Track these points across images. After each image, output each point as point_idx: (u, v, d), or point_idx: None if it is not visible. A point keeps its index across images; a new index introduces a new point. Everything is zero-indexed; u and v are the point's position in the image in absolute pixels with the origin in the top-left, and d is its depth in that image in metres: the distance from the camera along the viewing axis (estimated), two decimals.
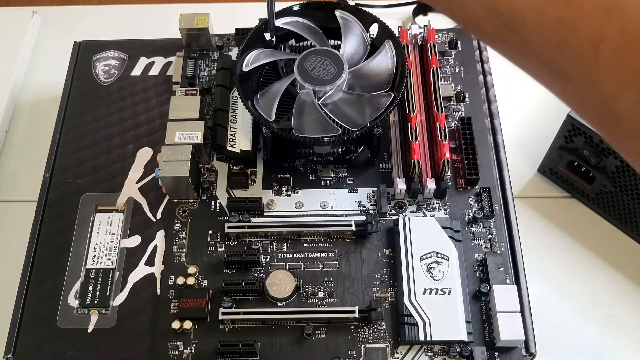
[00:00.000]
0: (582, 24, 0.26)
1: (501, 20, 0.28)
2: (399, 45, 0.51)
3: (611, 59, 0.25)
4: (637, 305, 0.51)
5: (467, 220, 0.51)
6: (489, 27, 0.29)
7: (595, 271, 0.53)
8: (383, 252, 0.49)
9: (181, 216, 0.51)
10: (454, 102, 0.56)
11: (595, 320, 0.50)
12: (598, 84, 0.26)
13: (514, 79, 0.62)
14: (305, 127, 0.48)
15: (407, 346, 0.46)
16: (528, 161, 0.58)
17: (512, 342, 0.45)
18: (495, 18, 0.29)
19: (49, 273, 0.49)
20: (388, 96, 0.49)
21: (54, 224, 0.51)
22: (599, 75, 0.25)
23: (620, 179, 0.51)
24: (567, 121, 0.51)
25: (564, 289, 0.52)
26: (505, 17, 0.28)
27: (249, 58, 0.50)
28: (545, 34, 0.27)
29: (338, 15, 0.52)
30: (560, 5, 0.26)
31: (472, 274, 0.48)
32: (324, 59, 0.50)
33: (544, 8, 0.27)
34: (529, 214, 0.55)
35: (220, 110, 0.53)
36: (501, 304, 0.45)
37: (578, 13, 0.26)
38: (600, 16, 0.25)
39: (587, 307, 0.51)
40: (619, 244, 0.54)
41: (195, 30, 0.58)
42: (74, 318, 0.47)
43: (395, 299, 0.47)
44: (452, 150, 0.53)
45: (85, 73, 0.59)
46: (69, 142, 0.55)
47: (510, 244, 0.50)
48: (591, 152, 0.52)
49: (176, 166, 0.49)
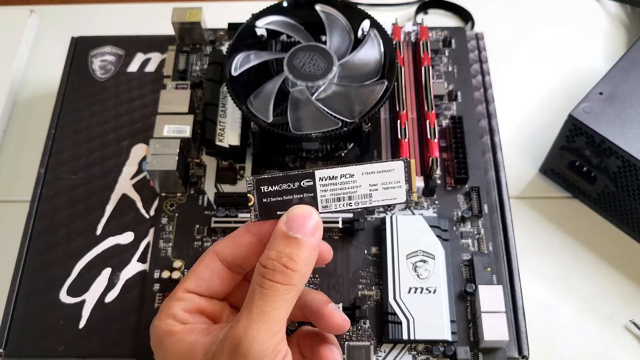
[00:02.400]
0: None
1: None
2: (385, 33, 0.51)
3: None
4: (639, 306, 0.50)
5: (455, 219, 0.50)
6: None
7: (597, 272, 0.52)
8: (370, 249, 0.49)
9: (168, 210, 0.52)
10: (446, 100, 0.56)
11: (597, 321, 0.50)
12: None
13: (515, 79, 0.62)
14: (303, 124, 0.48)
15: (390, 345, 0.45)
16: (529, 161, 0.57)
17: (496, 342, 0.44)
18: None
19: (41, 268, 0.50)
20: (382, 84, 0.48)
21: (48, 220, 0.52)
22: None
23: (622, 179, 0.50)
24: (568, 121, 0.50)
25: (565, 289, 0.51)
26: None
27: (237, 62, 0.50)
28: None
29: (319, 10, 0.52)
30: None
31: (459, 273, 0.48)
32: (312, 54, 0.50)
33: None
34: (530, 214, 0.55)
35: (210, 104, 0.53)
36: (486, 304, 0.45)
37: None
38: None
39: (589, 308, 0.50)
40: (621, 245, 0.53)
41: (188, 24, 0.58)
42: (65, 313, 0.48)
43: (380, 297, 0.47)
44: (442, 149, 0.53)
45: (81, 69, 0.60)
46: (64, 137, 0.56)
47: (506, 244, 0.50)
48: (592, 152, 0.51)
49: (164, 160, 0.49)
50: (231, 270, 0.38)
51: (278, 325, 0.33)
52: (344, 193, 0.36)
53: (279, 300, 0.33)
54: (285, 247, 0.34)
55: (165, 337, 0.36)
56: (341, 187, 0.36)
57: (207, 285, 0.37)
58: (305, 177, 0.36)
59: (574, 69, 0.63)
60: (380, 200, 0.36)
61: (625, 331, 0.49)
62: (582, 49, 0.64)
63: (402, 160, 0.36)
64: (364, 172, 0.36)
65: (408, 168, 0.36)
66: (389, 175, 0.36)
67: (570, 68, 0.63)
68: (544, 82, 0.62)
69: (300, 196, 0.36)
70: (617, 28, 0.66)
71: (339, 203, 0.36)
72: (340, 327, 0.39)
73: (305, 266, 0.34)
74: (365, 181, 0.36)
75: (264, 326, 0.32)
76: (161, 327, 0.36)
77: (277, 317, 0.33)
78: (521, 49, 0.64)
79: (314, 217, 0.35)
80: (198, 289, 0.37)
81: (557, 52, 0.64)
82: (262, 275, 0.34)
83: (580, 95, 0.51)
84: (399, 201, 0.36)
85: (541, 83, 0.62)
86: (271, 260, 0.34)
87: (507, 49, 0.64)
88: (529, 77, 0.63)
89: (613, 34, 0.65)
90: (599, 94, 0.51)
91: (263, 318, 0.33)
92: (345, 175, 0.36)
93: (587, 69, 0.62)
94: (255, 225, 0.37)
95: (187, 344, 0.35)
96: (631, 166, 0.48)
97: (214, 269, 0.37)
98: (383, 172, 0.36)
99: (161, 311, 0.37)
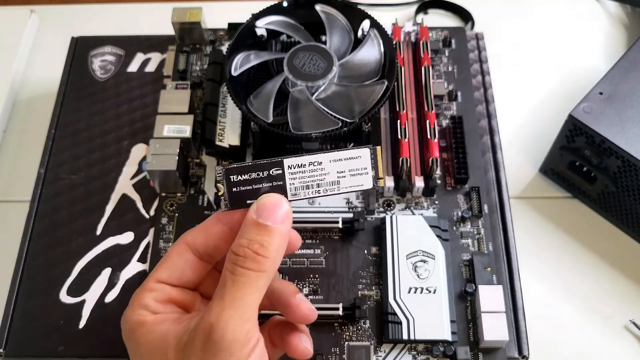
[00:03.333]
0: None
1: None
2: (385, 33, 0.51)
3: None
4: (639, 306, 0.50)
5: (455, 219, 0.50)
6: None
7: (597, 272, 0.52)
8: (370, 249, 0.49)
9: (168, 210, 0.52)
10: (446, 100, 0.56)
11: (597, 321, 0.50)
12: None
13: (515, 79, 0.62)
14: (303, 124, 0.48)
15: (390, 345, 0.45)
16: (529, 161, 0.57)
17: (496, 342, 0.44)
18: None
19: (41, 268, 0.50)
20: (382, 84, 0.48)
21: (48, 220, 0.52)
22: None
23: (622, 179, 0.50)
24: (568, 121, 0.50)
25: (565, 289, 0.51)
26: None
27: (237, 62, 0.50)
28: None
29: (319, 10, 0.52)
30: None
31: (459, 273, 0.48)
32: (312, 54, 0.49)
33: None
34: (530, 214, 0.55)
35: (210, 104, 0.53)
36: (486, 304, 0.45)
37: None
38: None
39: (589, 308, 0.50)
40: (621, 245, 0.53)
41: (188, 24, 0.58)
42: (65, 313, 0.48)
43: (380, 297, 0.47)
44: (442, 149, 0.53)
45: (81, 69, 0.60)
46: (64, 137, 0.56)
47: (506, 244, 0.50)
48: (592, 152, 0.51)
49: (164, 160, 0.49)
50: (202, 259, 0.38)
51: (250, 311, 0.33)
52: (312, 181, 0.36)
53: (250, 286, 0.33)
54: (256, 234, 0.34)
55: (136, 328, 0.36)
56: (310, 174, 0.36)
57: (179, 275, 0.37)
58: (274, 165, 0.36)
59: (574, 69, 0.63)
60: (348, 187, 0.37)
61: (625, 331, 0.49)
62: (582, 49, 0.64)
63: (368, 148, 0.37)
64: (332, 159, 0.36)
65: (374, 155, 0.37)
66: (355, 162, 0.37)
67: (570, 68, 0.63)
68: (544, 82, 0.62)
69: (269, 184, 0.36)
70: (617, 28, 0.66)
71: (308, 190, 0.36)
72: (306, 317, 0.39)
73: (276, 252, 0.35)
74: (333, 168, 0.36)
75: (236, 312, 0.33)
76: (132, 318, 0.36)
77: (249, 303, 0.33)
78: (521, 49, 0.64)
79: (284, 205, 0.35)
80: (169, 279, 0.37)
81: (557, 52, 0.64)
82: (234, 262, 0.34)
83: (580, 95, 0.51)
84: (365, 187, 0.37)
85: (541, 83, 0.62)
86: (242, 248, 0.34)
87: (507, 49, 0.64)
88: (529, 77, 0.63)
89: (613, 34, 0.65)
90: (599, 94, 0.51)
91: (235, 304, 0.33)
92: (313, 163, 0.36)
93: (587, 69, 0.62)
94: (226, 214, 0.37)
95: (159, 334, 0.35)
96: (631, 166, 0.48)
97: (185, 259, 0.37)
98: (350, 159, 0.37)
99: (132, 302, 0.37)
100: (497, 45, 0.63)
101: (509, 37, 0.65)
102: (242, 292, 0.33)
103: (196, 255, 0.38)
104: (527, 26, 0.66)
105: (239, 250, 0.34)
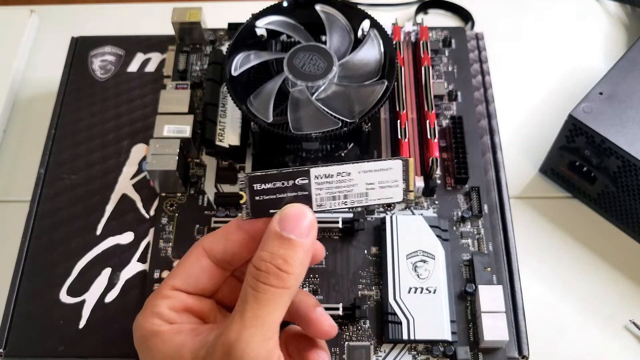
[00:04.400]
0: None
1: None
2: (385, 33, 0.51)
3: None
4: (639, 306, 0.50)
5: (455, 219, 0.50)
6: None
7: (596, 272, 0.52)
8: (370, 249, 0.49)
9: (168, 210, 0.52)
10: (446, 100, 0.56)
11: (597, 321, 0.50)
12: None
13: (515, 79, 0.62)
14: (303, 124, 0.48)
15: (390, 345, 0.45)
16: (529, 161, 0.57)
17: (496, 342, 0.44)
18: None
19: (41, 268, 0.50)
20: (382, 84, 0.48)
21: (48, 220, 0.52)
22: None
23: (622, 179, 0.50)
24: (568, 121, 0.50)
25: (565, 289, 0.51)
26: None
27: (237, 62, 0.50)
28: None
29: (319, 10, 0.52)
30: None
31: (459, 273, 0.48)
32: (312, 54, 0.49)
33: None
34: (530, 214, 0.55)
35: (210, 104, 0.53)
36: (486, 304, 0.45)
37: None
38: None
39: (589, 308, 0.50)
40: (621, 245, 0.53)
41: (188, 24, 0.58)
42: (65, 313, 0.48)
43: (380, 297, 0.47)
44: (442, 149, 0.53)
45: (81, 69, 0.60)
46: (64, 137, 0.56)
47: (506, 244, 0.50)
48: (592, 152, 0.51)
49: (164, 160, 0.49)
50: (219, 266, 0.37)
51: (272, 330, 0.32)
52: (339, 192, 0.35)
53: (273, 304, 0.32)
54: (279, 248, 0.33)
55: (150, 337, 0.34)
56: (337, 185, 0.35)
57: (195, 282, 0.36)
58: (301, 174, 0.35)
59: (574, 69, 0.63)
60: (377, 199, 0.35)
61: (625, 331, 0.49)
62: (582, 49, 0.64)
63: (400, 159, 0.35)
64: (361, 170, 0.35)
65: (406, 167, 0.35)
66: (386, 174, 0.35)
67: (570, 68, 0.63)
68: (544, 82, 0.62)
69: (294, 194, 0.35)
70: (617, 28, 0.66)
71: (335, 202, 0.35)
72: (327, 334, 0.37)
73: (299, 268, 0.33)
74: (362, 180, 0.35)
75: (257, 331, 0.31)
76: (146, 326, 0.35)
77: (271, 321, 0.32)
78: (521, 49, 0.64)
79: (308, 216, 0.34)
80: (185, 286, 0.36)
81: (557, 52, 0.64)
82: (256, 277, 0.33)
83: (580, 95, 0.51)
84: (395, 200, 0.36)
85: (541, 83, 0.62)
86: (264, 262, 0.32)
87: (507, 49, 0.64)
88: (529, 77, 0.63)
89: (613, 34, 0.65)
90: (599, 94, 0.51)
91: (257, 323, 0.32)
92: (341, 173, 0.35)
93: (587, 69, 0.62)
94: (247, 222, 0.35)
95: (174, 345, 0.34)
96: (631, 166, 0.48)
97: (202, 266, 0.36)
98: (380, 171, 0.35)
99: (145, 309, 0.35)
100: (497, 45, 0.63)
101: (509, 37, 0.65)
102: (264, 310, 0.32)
103: (213, 262, 0.36)
104: (527, 26, 0.66)
105: (261, 265, 0.33)
